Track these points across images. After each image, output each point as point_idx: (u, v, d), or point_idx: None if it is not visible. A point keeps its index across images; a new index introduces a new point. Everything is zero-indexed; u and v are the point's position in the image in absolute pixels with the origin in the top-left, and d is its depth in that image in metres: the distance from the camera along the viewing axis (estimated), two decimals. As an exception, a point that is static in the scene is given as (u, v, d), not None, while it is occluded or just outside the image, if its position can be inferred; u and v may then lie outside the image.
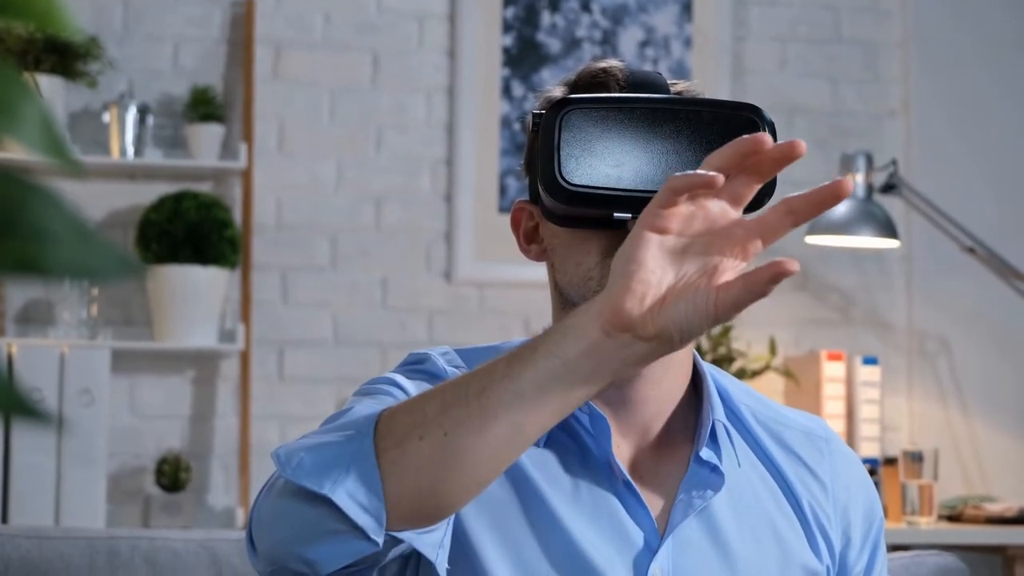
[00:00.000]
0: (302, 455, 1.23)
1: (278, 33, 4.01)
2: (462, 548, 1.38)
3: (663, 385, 1.45)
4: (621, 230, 1.35)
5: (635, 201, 1.33)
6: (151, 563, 1.77)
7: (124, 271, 0.51)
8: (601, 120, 1.34)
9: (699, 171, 1.13)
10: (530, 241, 1.49)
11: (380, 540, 1.21)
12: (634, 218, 1.34)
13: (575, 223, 1.40)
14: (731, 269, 1.14)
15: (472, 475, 1.20)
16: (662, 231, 1.14)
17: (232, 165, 3.88)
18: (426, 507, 1.21)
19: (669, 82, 1.45)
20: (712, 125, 1.35)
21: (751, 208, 1.31)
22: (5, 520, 3.37)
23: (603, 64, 1.47)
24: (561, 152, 1.33)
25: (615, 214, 1.34)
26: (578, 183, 1.33)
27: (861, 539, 1.51)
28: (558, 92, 1.48)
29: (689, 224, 1.14)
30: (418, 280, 4.02)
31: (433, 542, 1.25)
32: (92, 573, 1.76)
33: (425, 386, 1.43)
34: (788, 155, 1.13)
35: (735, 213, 1.16)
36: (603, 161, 1.34)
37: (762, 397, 1.55)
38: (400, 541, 1.23)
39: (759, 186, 1.15)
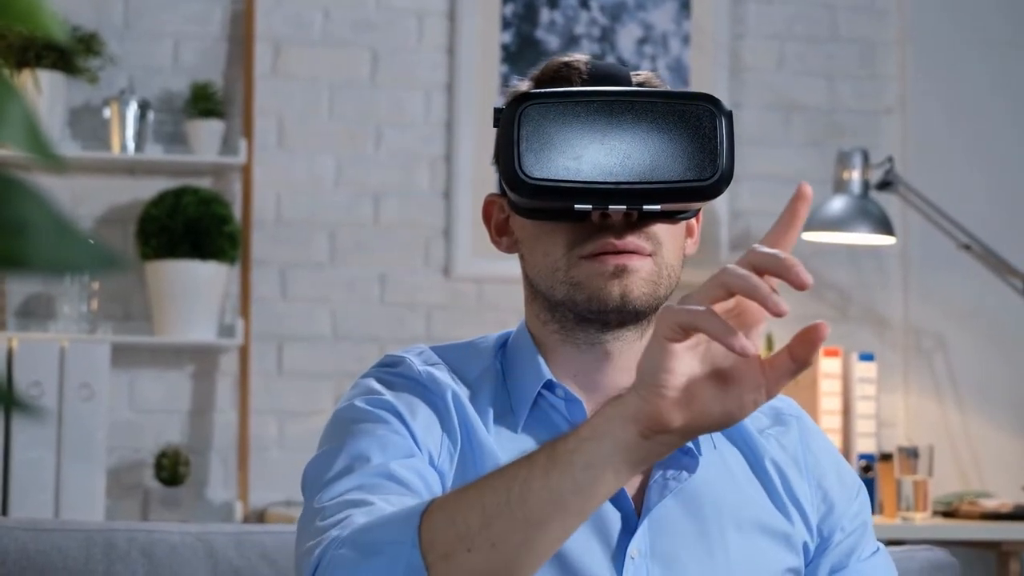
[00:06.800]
0: (352, 557, 1.23)
1: (278, 30, 4.02)
2: None
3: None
4: (586, 221, 1.39)
5: (594, 192, 1.36)
6: (148, 556, 1.78)
7: (106, 264, 0.52)
8: (559, 114, 1.36)
9: (722, 327, 1.14)
10: (501, 233, 1.52)
11: None
12: (596, 209, 1.38)
13: (539, 215, 1.43)
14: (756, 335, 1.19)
15: (525, 571, 1.20)
16: (683, 339, 1.15)
17: (232, 161, 3.89)
18: None
19: (632, 72, 1.48)
20: (668, 116, 1.38)
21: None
22: (5, 514, 3.38)
23: (566, 58, 1.50)
24: (520, 147, 1.36)
25: (576, 205, 1.37)
26: (537, 176, 1.35)
27: (843, 505, 1.52)
28: (524, 86, 1.51)
29: None
30: (416, 276, 4.03)
31: None
32: (89, 565, 1.76)
33: (404, 395, 1.44)
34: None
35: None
36: (562, 154, 1.36)
37: None
38: None
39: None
